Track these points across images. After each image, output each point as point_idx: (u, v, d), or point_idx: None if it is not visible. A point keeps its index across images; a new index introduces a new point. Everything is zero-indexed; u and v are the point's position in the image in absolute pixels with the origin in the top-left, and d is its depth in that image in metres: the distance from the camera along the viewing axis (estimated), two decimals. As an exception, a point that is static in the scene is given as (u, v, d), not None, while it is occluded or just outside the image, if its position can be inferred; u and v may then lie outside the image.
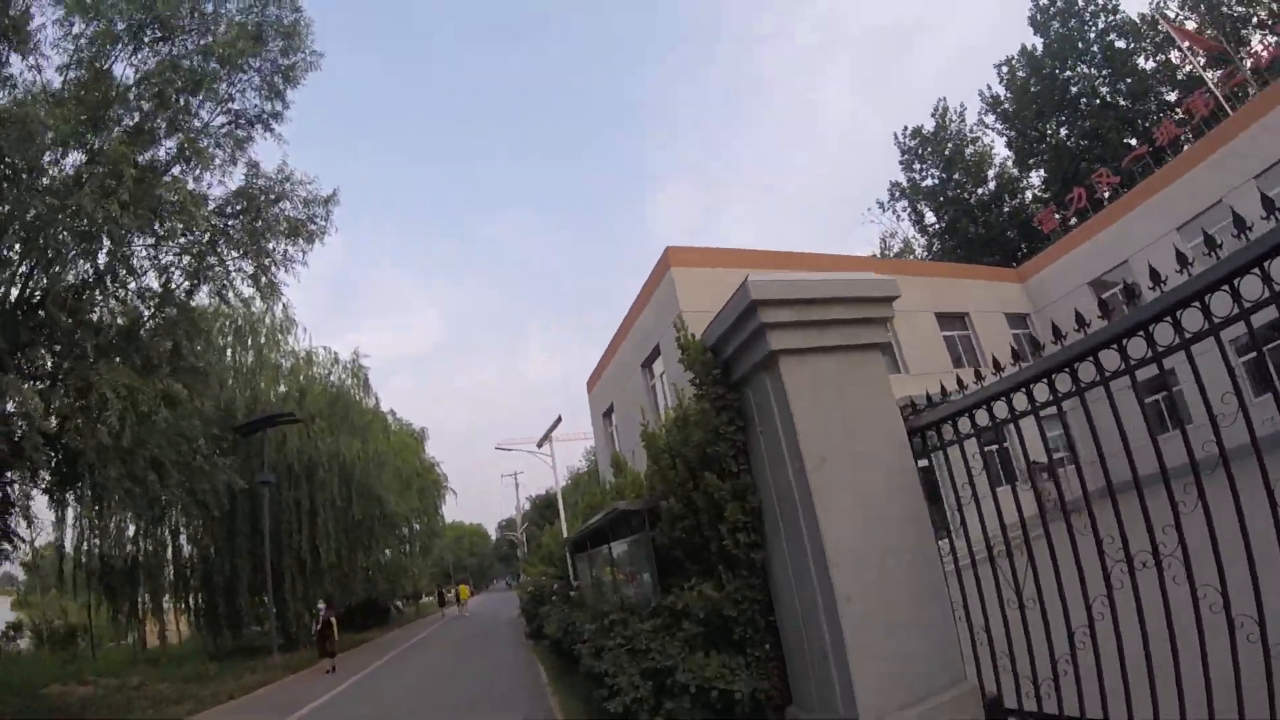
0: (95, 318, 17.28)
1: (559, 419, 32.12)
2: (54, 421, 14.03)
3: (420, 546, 49.08)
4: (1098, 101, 47.74)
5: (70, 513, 25.65)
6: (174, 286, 18.32)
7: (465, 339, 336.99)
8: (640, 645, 8.26)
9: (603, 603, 15.07)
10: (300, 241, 19.85)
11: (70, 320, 15.71)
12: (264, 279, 19.70)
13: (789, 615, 6.68)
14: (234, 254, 19.15)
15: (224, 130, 18.58)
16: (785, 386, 6.26)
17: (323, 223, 20.02)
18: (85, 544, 27.46)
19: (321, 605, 22.76)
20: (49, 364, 15.76)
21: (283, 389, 32.05)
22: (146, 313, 17.95)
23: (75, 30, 16.04)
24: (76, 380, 14.58)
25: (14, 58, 15.13)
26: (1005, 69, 53.63)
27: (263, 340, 31.82)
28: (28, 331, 14.54)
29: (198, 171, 17.77)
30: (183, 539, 30.29)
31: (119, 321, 17.51)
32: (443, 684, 17.19)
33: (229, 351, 30.86)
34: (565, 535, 25.61)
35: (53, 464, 16.10)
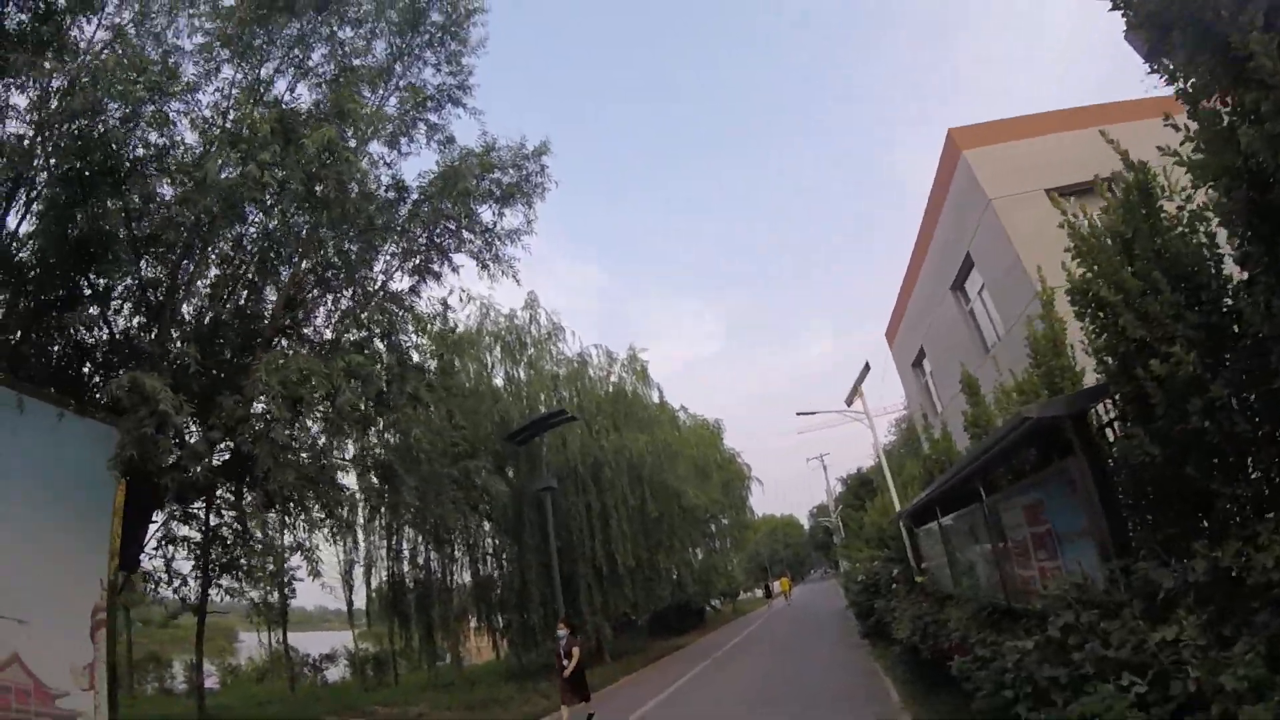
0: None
1: (866, 367, 26.51)
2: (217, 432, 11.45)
3: (730, 542, 46.09)
4: None
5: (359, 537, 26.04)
6: (376, 280, 16.33)
7: (746, 341, 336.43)
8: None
9: (979, 590, 10.31)
10: (519, 206, 17.56)
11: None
12: (487, 255, 17.58)
13: None
14: (449, 236, 17.05)
15: (405, 113, 16.41)
16: None
17: (538, 179, 17.50)
18: (375, 567, 27.11)
19: (561, 631, 14.71)
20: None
21: (563, 394, 29.56)
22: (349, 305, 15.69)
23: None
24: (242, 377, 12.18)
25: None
26: None
27: (530, 352, 29.66)
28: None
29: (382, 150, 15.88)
30: (470, 557, 28.62)
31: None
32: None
33: (497, 366, 29.50)
34: (897, 507, 20.72)
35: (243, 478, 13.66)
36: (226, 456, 12.80)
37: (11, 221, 12.42)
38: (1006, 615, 8.89)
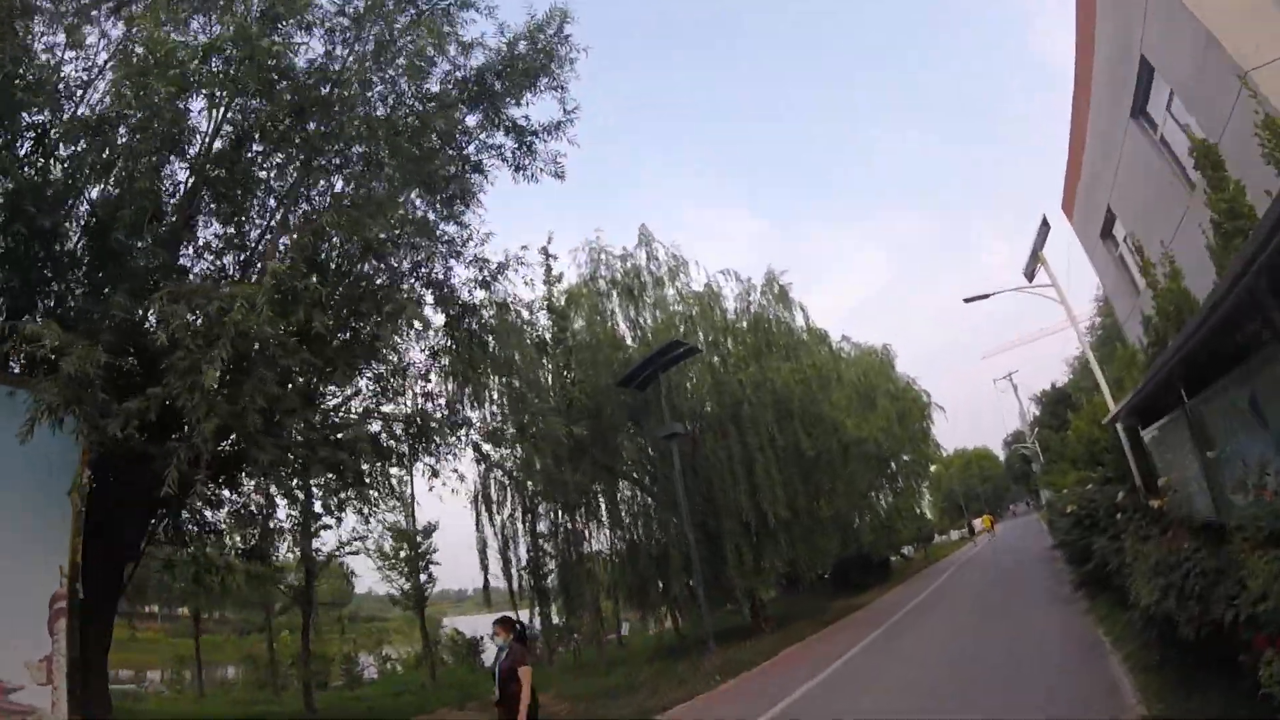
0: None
1: (1044, 225, 19.80)
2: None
3: (916, 480, 41.33)
4: None
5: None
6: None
7: (914, 270, 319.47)
8: None
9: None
10: (546, 91, 14.20)
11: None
12: (523, 157, 14.56)
13: None
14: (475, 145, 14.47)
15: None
16: None
17: (561, 50, 14.00)
18: (512, 541, 24.48)
19: (498, 639, 8.64)
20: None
21: (697, 331, 25.71)
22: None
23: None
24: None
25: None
26: None
27: (650, 292, 26.02)
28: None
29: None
30: (610, 522, 25.49)
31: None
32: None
33: (615, 312, 26.04)
34: (1111, 409, 15.55)
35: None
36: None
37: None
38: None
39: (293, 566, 22.26)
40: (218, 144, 11.68)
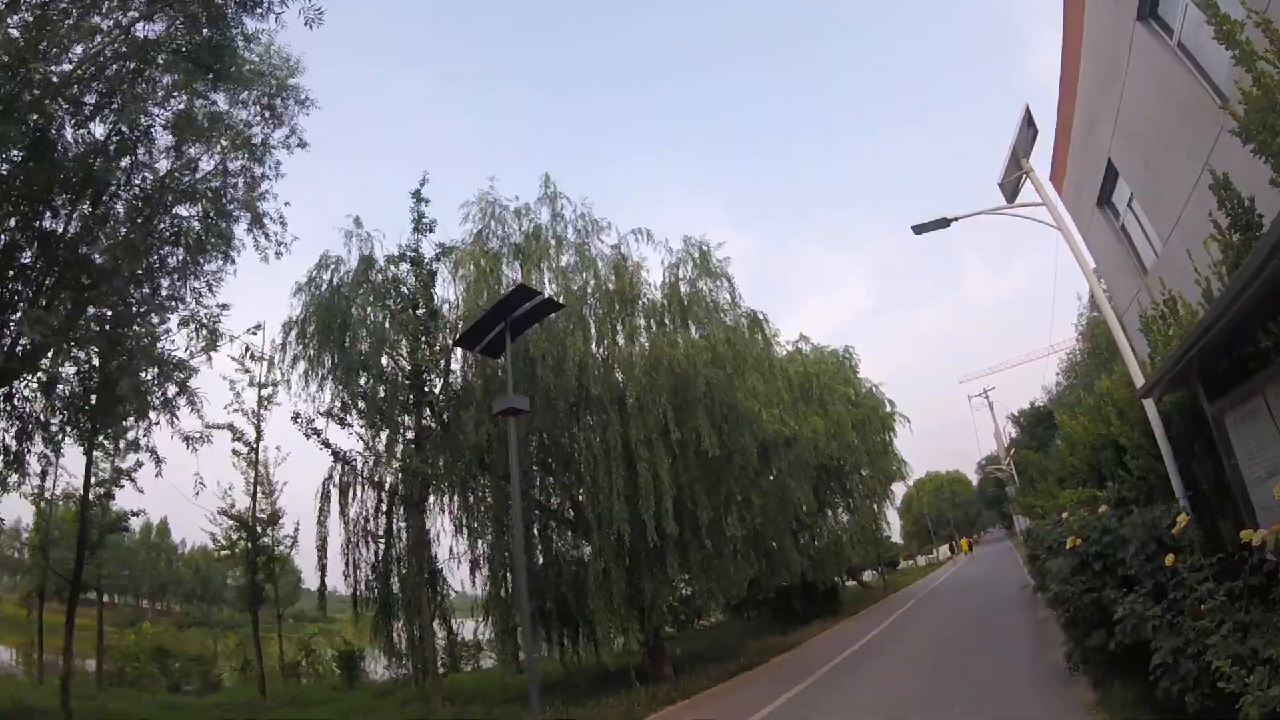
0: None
1: (1028, 119, 13.10)
2: None
3: (876, 501, 36.83)
4: None
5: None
6: None
7: (897, 297, 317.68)
8: None
9: None
10: None
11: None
12: None
13: None
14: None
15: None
16: None
17: None
18: (355, 543, 20.01)
19: None
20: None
21: (596, 304, 20.03)
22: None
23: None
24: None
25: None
26: None
27: (552, 255, 20.73)
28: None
29: None
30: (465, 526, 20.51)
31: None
32: None
33: (501, 277, 20.18)
34: (1136, 379, 9.41)
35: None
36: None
37: None
38: None
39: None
40: None
